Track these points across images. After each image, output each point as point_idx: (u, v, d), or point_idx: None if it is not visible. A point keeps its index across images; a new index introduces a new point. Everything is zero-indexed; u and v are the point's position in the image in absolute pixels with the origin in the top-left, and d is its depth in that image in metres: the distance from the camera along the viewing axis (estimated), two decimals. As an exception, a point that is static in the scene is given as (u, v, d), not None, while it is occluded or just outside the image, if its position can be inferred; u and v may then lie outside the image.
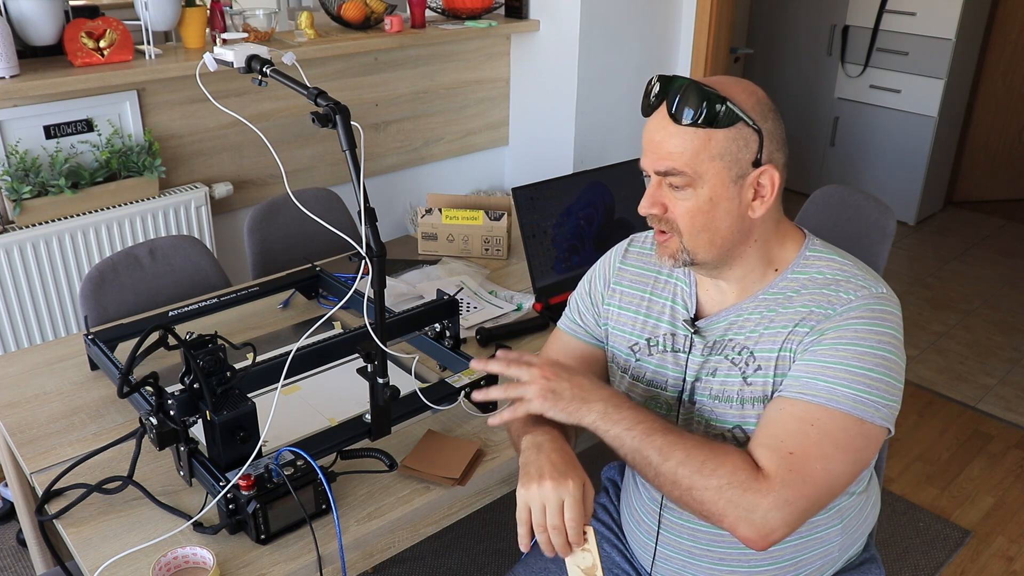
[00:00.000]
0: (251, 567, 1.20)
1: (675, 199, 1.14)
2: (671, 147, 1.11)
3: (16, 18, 2.29)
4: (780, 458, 1.06)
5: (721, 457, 1.08)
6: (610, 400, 1.14)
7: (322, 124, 1.27)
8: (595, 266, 1.42)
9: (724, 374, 1.20)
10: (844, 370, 1.08)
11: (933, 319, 3.63)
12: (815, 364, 1.10)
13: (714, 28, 3.33)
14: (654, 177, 1.15)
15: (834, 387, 1.08)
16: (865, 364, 1.08)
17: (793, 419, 1.09)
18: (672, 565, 1.33)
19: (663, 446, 1.09)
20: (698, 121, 1.09)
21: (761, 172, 1.12)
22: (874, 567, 1.39)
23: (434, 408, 1.49)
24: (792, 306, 1.16)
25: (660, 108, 1.12)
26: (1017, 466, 2.74)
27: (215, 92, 2.60)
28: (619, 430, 1.12)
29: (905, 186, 4.47)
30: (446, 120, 3.34)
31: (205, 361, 1.24)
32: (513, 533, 1.13)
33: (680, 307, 1.27)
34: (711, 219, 1.13)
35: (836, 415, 1.07)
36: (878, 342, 1.10)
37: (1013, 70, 4.54)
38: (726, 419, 1.20)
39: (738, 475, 1.06)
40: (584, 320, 1.39)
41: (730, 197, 1.12)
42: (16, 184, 2.28)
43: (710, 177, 1.11)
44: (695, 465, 1.08)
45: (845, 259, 1.20)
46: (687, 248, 1.16)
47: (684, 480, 1.08)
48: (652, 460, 1.10)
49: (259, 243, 2.24)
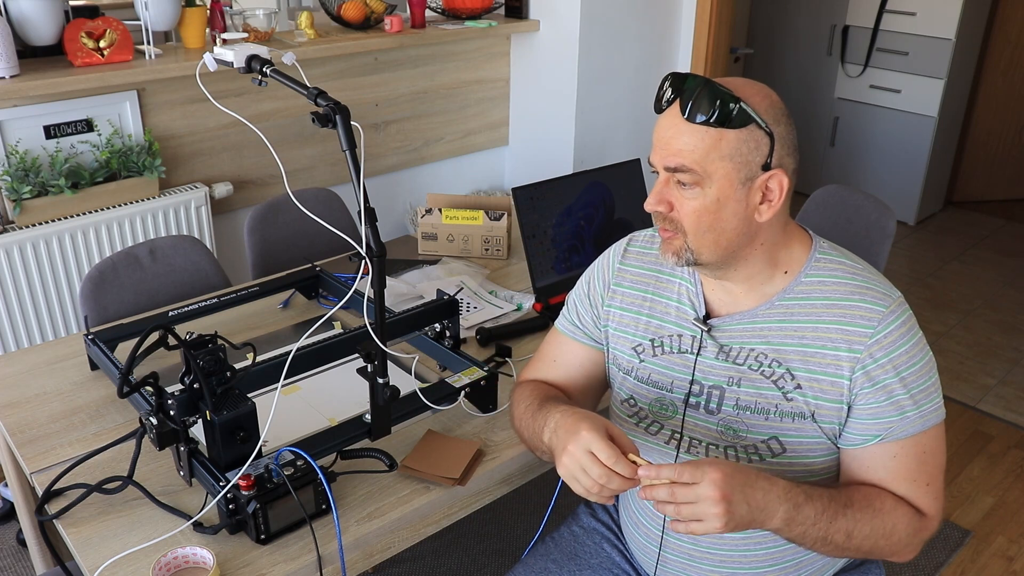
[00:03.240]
0: (251, 567, 1.20)
1: (682, 198, 1.13)
2: (682, 144, 1.10)
3: (16, 18, 2.29)
4: (929, 494, 1.17)
5: (892, 515, 1.14)
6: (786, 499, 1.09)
7: (322, 124, 1.27)
8: (593, 266, 1.40)
9: (756, 386, 1.19)
10: (920, 390, 1.15)
11: (933, 319, 3.63)
12: (898, 400, 1.14)
13: (714, 28, 3.33)
14: (663, 174, 1.14)
15: (921, 410, 1.15)
16: (925, 375, 1.16)
17: (910, 458, 1.16)
18: (672, 568, 1.33)
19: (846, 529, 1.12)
20: (710, 120, 1.08)
21: (770, 176, 1.11)
22: (874, 567, 1.39)
23: (434, 408, 1.49)
24: (819, 320, 1.16)
25: (674, 106, 1.12)
26: (1017, 466, 2.74)
27: (215, 92, 2.60)
28: (804, 528, 1.10)
29: (905, 186, 4.47)
30: (446, 120, 3.34)
31: (205, 361, 1.24)
32: (513, 533, 1.13)
33: (687, 307, 1.26)
34: (717, 220, 1.13)
35: (932, 431, 1.17)
36: (922, 349, 1.16)
37: (1013, 70, 4.54)
38: (759, 430, 1.19)
39: (912, 525, 1.15)
40: (583, 321, 1.38)
41: (738, 199, 1.12)
42: (16, 184, 2.28)
43: (719, 177, 1.10)
44: (877, 536, 1.13)
45: (855, 262, 1.20)
46: (691, 247, 1.15)
47: (866, 546, 1.14)
48: (838, 543, 1.12)
49: (259, 243, 2.24)
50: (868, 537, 1.12)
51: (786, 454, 1.18)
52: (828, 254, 1.20)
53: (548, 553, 1.48)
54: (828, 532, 1.11)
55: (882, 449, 1.16)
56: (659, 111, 1.15)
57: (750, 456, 1.20)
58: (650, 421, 1.29)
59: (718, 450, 1.22)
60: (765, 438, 1.19)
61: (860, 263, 1.21)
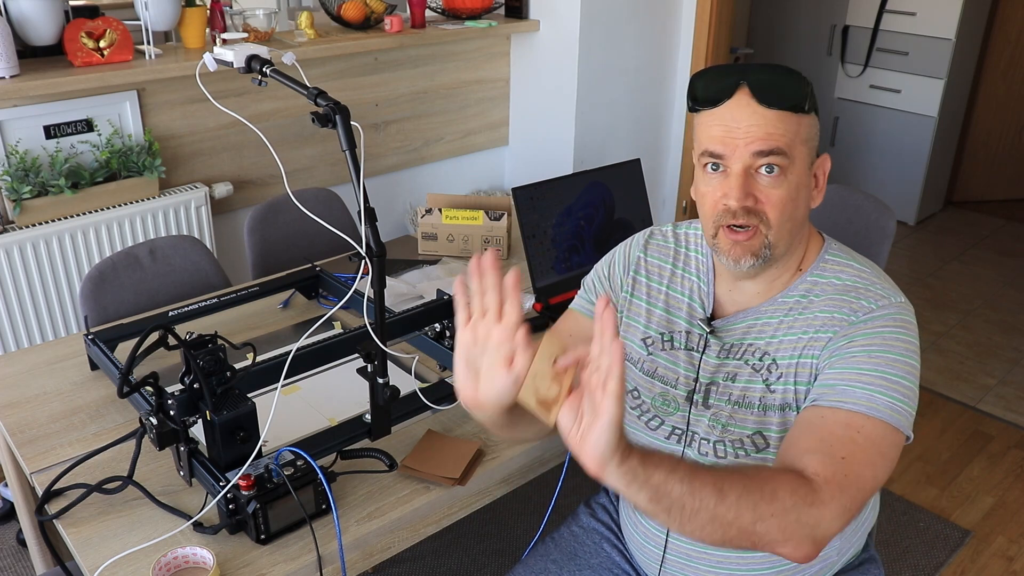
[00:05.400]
0: (251, 567, 1.20)
1: (766, 188, 1.08)
2: (771, 128, 1.05)
3: (16, 18, 2.29)
4: (835, 463, 0.99)
5: (774, 479, 0.96)
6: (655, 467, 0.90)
7: (322, 124, 1.27)
8: (615, 251, 1.38)
9: (745, 380, 1.18)
10: (880, 377, 1.05)
11: (933, 319, 3.63)
12: (850, 371, 1.06)
13: (714, 28, 3.33)
14: (740, 165, 1.07)
15: (873, 395, 1.04)
16: (898, 372, 1.06)
17: (838, 426, 1.03)
18: (670, 567, 1.33)
19: (718, 483, 0.92)
20: (795, 105, 1.06)
21: (822, 160, 1.11)
22: (874, 567, 1.39)
23: (434, 408, 1.49)
24: (810, 311, 1.15)
25: (738, 95, 1.07)
26: (1017, 466, 2.74)
27: (215, 92, 2.60)
28: (662, 476, 0.89)
29: (905, 186, 4.47)
30: (446, 120, 3.34)
31: (205, 361, 1.24)
32: (513, 533, 1.13)
33: (697, 305, 1.26)
34: (795, 208, 1.10)
35: (877, 424, 1.03)
36: (905, 350, 1.08)
37: (1013, 70, 4.53)
38: (746, 424, 1.19)
39: (799, 491, 0.95)
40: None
41: (807, 185, 1.10)
42: (16, 184, 2.28)
43: (799, 162, 1.08)
44: (755, 496, 0.93)
45: (864, 266, 1.19)
46: (771, 242, 1.10)
47: (747, 514, 0.92)
48: (708, 503, 0.91)
49: (259, 243, 2.24)
50: (743, 496, 0.92)
51: (770, 449, 1.18)
52: (837, 256, 1.20)
53: (548, 553, 1.47)
54: (694, 487, 0.90)
55: (815, 409, 1.06)
56: (713, 105, 1.09)
57: (737, 451, 1.20)
58: (651, 416, 1.29)
59: (710, 444, 1.22)
60: (750, 433, 1.19)
61: (869, 267, 1.19)
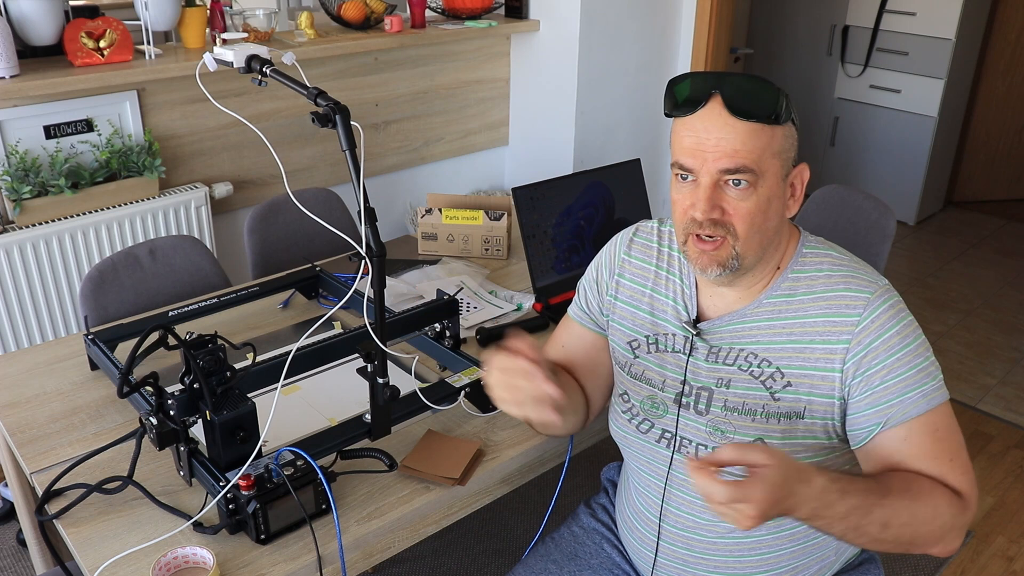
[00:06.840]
0: (251, 567, 1.20)
1: (734, 200, 1.08)
2: (738, 144, 1.05)
3: (16, 18, 2.29)
4: (955, 469, 1.10)
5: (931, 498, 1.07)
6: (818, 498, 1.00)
7: (322, 124, 1.27)
8: (601, 253, 1.38)
9: (744, 387, 1.18)
10: (917, 370, 1.10)
11: (933, 319, 3.63)
12: (894, 383, 1.10)
13: (714, 28, 3.33)
14: (708, 178, 1.07)
15: (923, 389, 1.10)
16: (922, 355, 1.12)
17: (923, 437, 1.10)
18: (665, 572, 1.33)
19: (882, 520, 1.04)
20: (766, 117, 1.05)
21: (799, 170, 1.11)
22: (873, 567, 1.39)
23: (434, 408, 1.49)
24: (806, 314, 1.15)
25: (712, 104, 1.06)
26: (1017, 466, 2.74)
27: (215, 92, 2.60)
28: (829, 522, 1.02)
29: (905, 186, 4.47)
30: (446, 120, 3.34)
31: (205, 361, 1.24)
32: (513, 533, 1.13)
33: (681, 308, 1.25)
34: (765, 219, 1.10)
35: (938, 411, 1.11)
36: (914, 331, 1.13)
37: (1013, 70, 4.54)
38: (746, 431, 1.18)
39: (953, 506, 1.08)
40: (591, 308, 1.37)
41: (780, 196, 1.10)
42: (16, 184, 2.28)
43: (769, 176, 1.08)
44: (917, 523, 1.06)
45: (841, 254, 1.19)
46: (739, 253, 1.10)
47: (906, 535, 1.06)
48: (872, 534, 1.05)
49: (259, 243, 2.24)
50: (907, 525, 1.05)
51: None
52: (814, 248, 1.20)
53: (548, 553, 1.47)
54: (861, 525, 1.03)
55: (889, 436, 1.11)
56: (686, 113, 1.08)
57: None
58: (641, 419, 1.29)
59: (707, 451, 1.22)
60: (751, 439, 1.18)
61: (846, 255, 1.19)
